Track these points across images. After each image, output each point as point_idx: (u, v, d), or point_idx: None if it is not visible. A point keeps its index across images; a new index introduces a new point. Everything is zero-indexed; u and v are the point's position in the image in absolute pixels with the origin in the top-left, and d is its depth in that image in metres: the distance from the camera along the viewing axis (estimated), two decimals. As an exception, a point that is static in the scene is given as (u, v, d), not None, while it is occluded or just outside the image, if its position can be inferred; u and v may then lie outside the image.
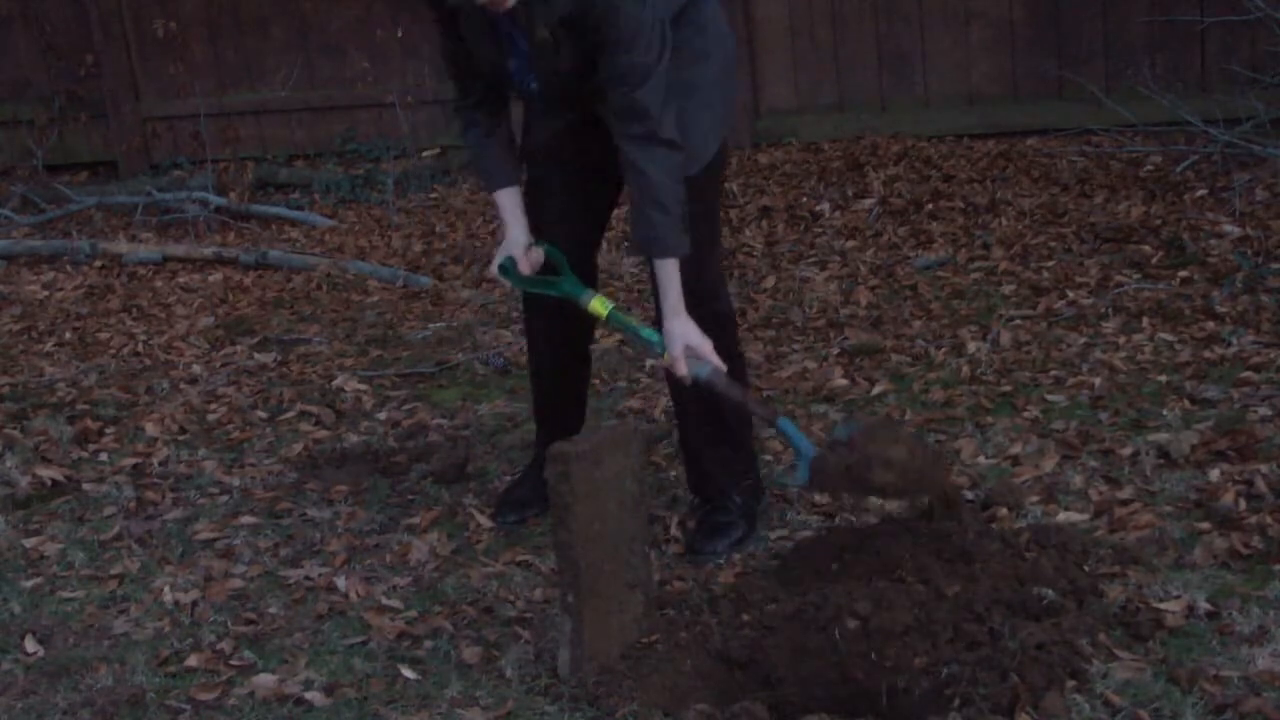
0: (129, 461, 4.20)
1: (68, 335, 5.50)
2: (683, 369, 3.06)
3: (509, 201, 3.28)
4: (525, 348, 3.77)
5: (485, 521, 3.60)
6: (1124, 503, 3.32)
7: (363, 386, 4.65)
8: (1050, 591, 2.84)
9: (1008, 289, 4.89)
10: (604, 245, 5.84)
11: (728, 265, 5.51)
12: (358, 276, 5.91)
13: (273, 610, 3.26)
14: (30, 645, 3.18)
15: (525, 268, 3.22)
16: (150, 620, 3.26)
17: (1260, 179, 5.54)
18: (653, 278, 3.15)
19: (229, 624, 3.21)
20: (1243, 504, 3.24)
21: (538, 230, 3.27)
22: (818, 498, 3.47)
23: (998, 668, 2.60)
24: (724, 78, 3.26)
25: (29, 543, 3.71)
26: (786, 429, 3.07)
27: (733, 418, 3.34)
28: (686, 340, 3.06)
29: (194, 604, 3.31)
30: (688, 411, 3.39)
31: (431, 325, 5.24)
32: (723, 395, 3.11)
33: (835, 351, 4.50)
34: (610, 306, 3.15)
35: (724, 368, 3.09)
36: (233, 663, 3.03)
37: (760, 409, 3.18)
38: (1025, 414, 3.88)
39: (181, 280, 6.17)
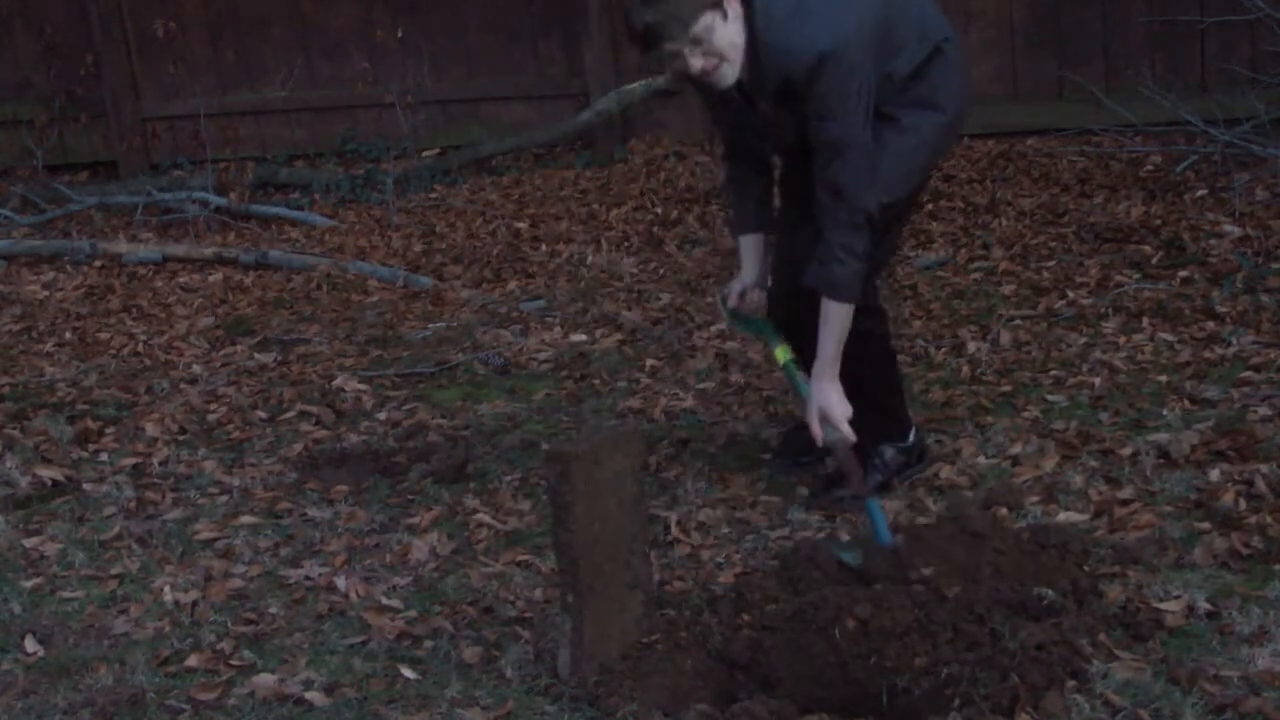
0: (129, 461, 4.20)
1: (68, 335, 5.51)
2: (816, 430, 3.20)
3: (745, 245, 3.49)
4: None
5: (487, 520, 3.60)
6: (1124, 503, 3.32)
7: (363, 386, 4.65)
8: (1050, 591, 2.84)
9: (1008, 289, 4.89)
10: (603, 245, 5.91)
11: (727, 265, 5.51)
12: (358, 276, 5.92)
13: (273, 610, 3.26)
14: (30, 645, 3.18)
15: (733, 301, 3.48)
16: (150, 620, 3.26)
17: (1260, 179, 5.54)
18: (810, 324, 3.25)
19: (229, 624, 3.21)
20: (1243, 504, 3.24)
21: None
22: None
23: (998, 668, 2.59)
24: (948, 123, 3.32)
25: (29, 543, 3.71)
26: (873, 511, 3.11)
27: (871, 383, 3.42)
28: (823, 404, 3.19)
29: (194, 604, 3.31)
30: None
31: (431, 325, 5.25)
32: (839, 464, 3.26)
33: (835, 351, 4.50)
34: (789, 358, 3.33)
35: (853, 439, 3.19)
36: (233, 663, 3.03)
37: (859, 484, 3.23)
38: (1025, 414, 3.88)
39: (181, 280, 6.17)
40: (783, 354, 3.34)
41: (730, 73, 3.11)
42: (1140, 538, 3.13)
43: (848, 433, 3.19)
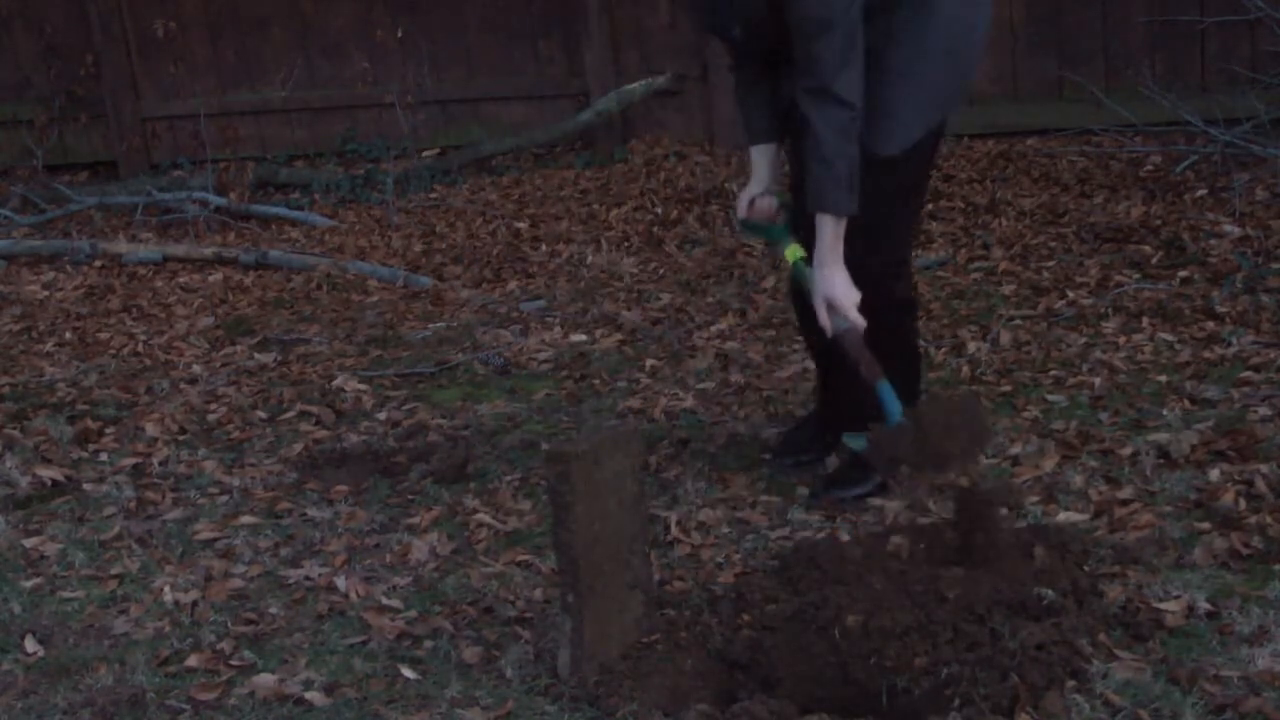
0: (129, 461, 4.20)
1: (68, 335, 5.51)
2: (824, 318, 3.15)
3: (754, 154, 3.45)
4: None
5: (487, 520, 3.60)
6: (1124, 503, 3.32)
7: (363, 386, 4.65)
8: (1050, 591, 2.84)
9: (1008, 289, 4.90)
10: (603, 245, 5.91)
11: (728, 265, 5.51)
12: (358, 276, 5.92)
13: (273, 610, 3.26)
14: (30, 645, 3.18)
15: (743, 211, 3.47)
16: (150, 620, 3.26)
17: (1260, 179, 5.54)
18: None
19: (229, 624, 3.21)
20: (1243, 504, 3.24)
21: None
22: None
23: (998, 668, 2.59)
24: (946, 63, 3.23)
25: (29, 543, 3.71)
26: (884, 394, 3.09)
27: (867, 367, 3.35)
28: (828, 292, 3.14)
29: (194, 604, 3.31)
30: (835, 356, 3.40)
31: (431, 325, 5.25)
32: (847, 353, 3.17)
33: (835, 351, 4.50)
34: (798, 256, 3.28)
35: (863, 325, 3.13)
36: (233, 663, 3.03)
37: (870, 371, 3.16)
38: (1025, 414, 3.88)
39: (181, 280, 6.17)
40: (792, 254, 3.31)
41: None
42: (1140, 538, 3.13)
43: (857, 319, 3.14)
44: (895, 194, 3.26)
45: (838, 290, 3.14)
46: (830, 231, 3.13)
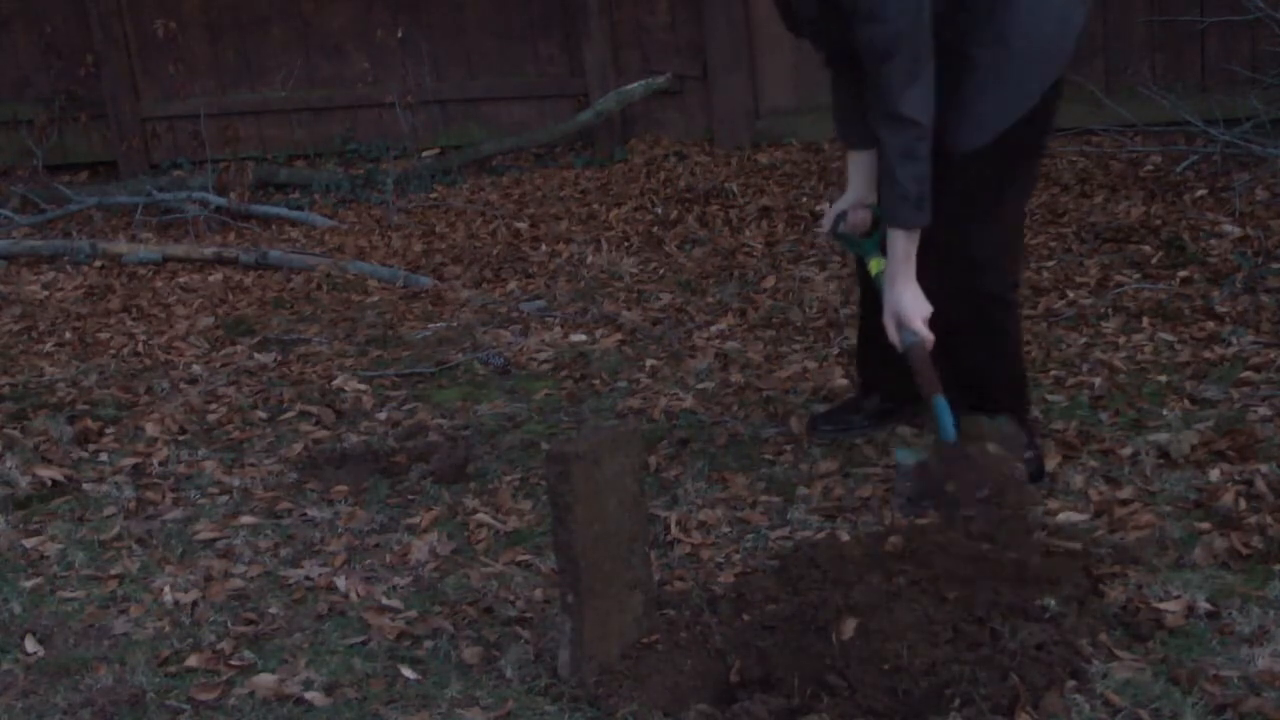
0: (129, 461, 4.20)
1: (68, 335, 5.50)
2: (892, 333, 3.16)
3: (850, 163, 3.44)
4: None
5: (487, 520, 3.60)
6: (1124, 503, 3.32)
7: (363, 386, 4.65)
8: (1053, 602, 2.83)
9: (1008, 289, 4.89)
10: (603, 245, 5.91)
11: (728, 265, 5.51)
12: (358, 276, 5.91)
13: (273, 610, 3.26)
14: (30, 645, 3.18)
15: (827, 224, 3.48)
16: (150, 620, 3.26)
17: (1260, 179, 5.54)
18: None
19: (229, 624, 3.21)
20: (1243, 504, 3.24)
21: None
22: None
23: (998, 668, 2.60)
24: (1027, 59, 3.19)
25: (29, 543, 3.71)
26: (940, 409, 3.10)
27: (985, 381, 3.35)
28: (896, 306, 3.15)
29: (194, 604, 3.31)
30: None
31: (431, 325, 5.24)
32: (912, 367, 3.17)
33: (835, 351, 4.50)
34: (880, 269, 3.27)
35: (930, 340, 3.14)
36: (233, 663, 3.03)
37: (929, 383, 3.16)
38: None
39: (181, 280, 6.17)
40: (875, 267, 3.31)
41: None
42: (1140, 538, 3.13)
43: (925, 334, 3.14)
44: (979, 188, 3.23)
45: (905, 304, 3.14)
46: (901, 245, 3.13)
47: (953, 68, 3.09)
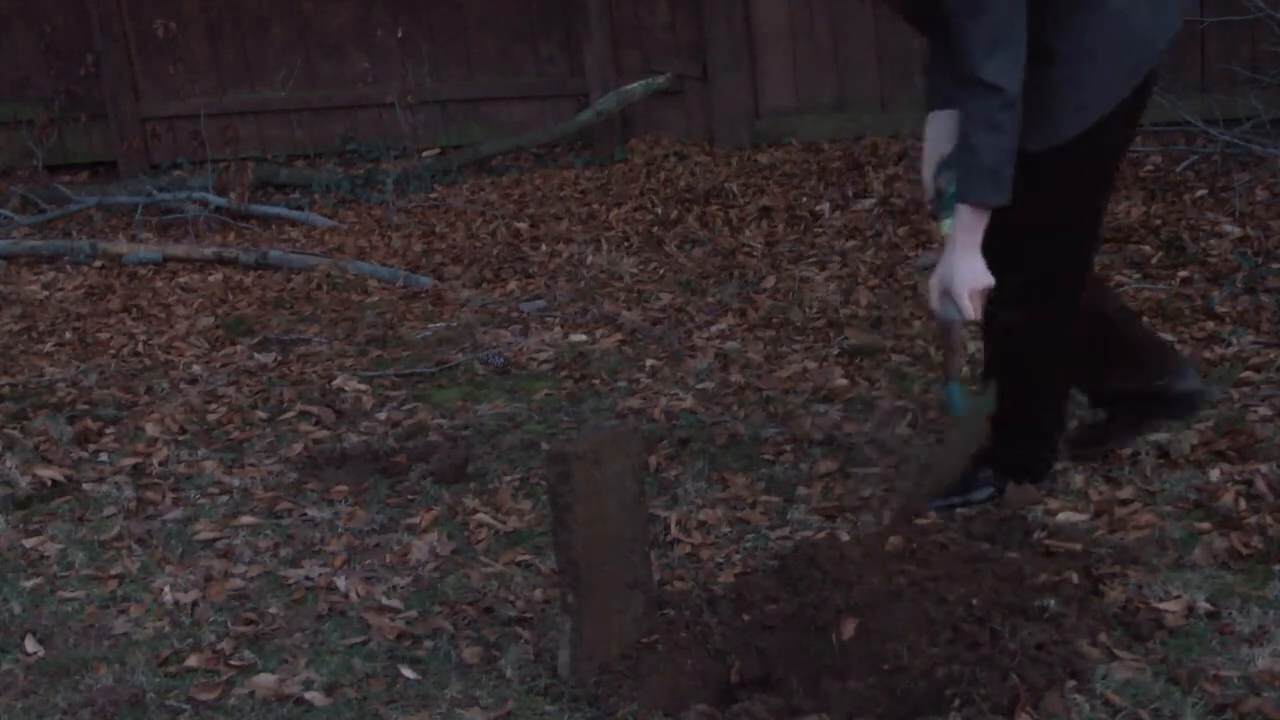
0: (129, 461, 4.20)
1: (68, 335, 5.51)
2: (933, 301, 3.02)
3: (930, 122, 3.16)
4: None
5: (487, 520, 3.59)
6: (1124, 503, 3.32)
7: (363, 386, 4.65)
8: (1052, 602, 2.83)
9: (1008, 289, 4.89)
10: (603, 245, 5.91)
11: (728, 265, 5.51)
12: (358, 276, 5.92)
13: (273, 610, 3.26)
14: (30, 645, 3.18)
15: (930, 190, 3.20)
16: (150, 620, 3.26)
17: (1260, 179, 5.54)
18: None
19: (229, 624, 3.21)
20: (1243, 504, 3.23)
21: None
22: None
23: (998, 668, 2.59)
24: (1110, 60, 2.99)
25: (29, 543, 3.71)
26: (951, 392, 3.08)
27: (1019, 392, 3.22)
28: (948, 276, 2.97)
29: (194, 604, 3.31)
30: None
31: (431, 325, 5.25)
32: (941, 342, 3.08)
33: (835, 351, 4.50)
34: (948, 228, 3.05)
35: (971, 316, 2.99)
36: (233, 663, 3.03)
37: (952, 365, 3.09)
38: (1025, 414, 3.87)
39: (181, 280, 6.17)
40: (945, 227, 3.07)
41: None
42: (1140, 538, 3.13)
43: (967, 309, 2.96)
44: (1042, 201, 3.01)
45: (958, 278, 2.95)
46: (968, 218, 2.94)
47: (1030, 58, 2.88)
